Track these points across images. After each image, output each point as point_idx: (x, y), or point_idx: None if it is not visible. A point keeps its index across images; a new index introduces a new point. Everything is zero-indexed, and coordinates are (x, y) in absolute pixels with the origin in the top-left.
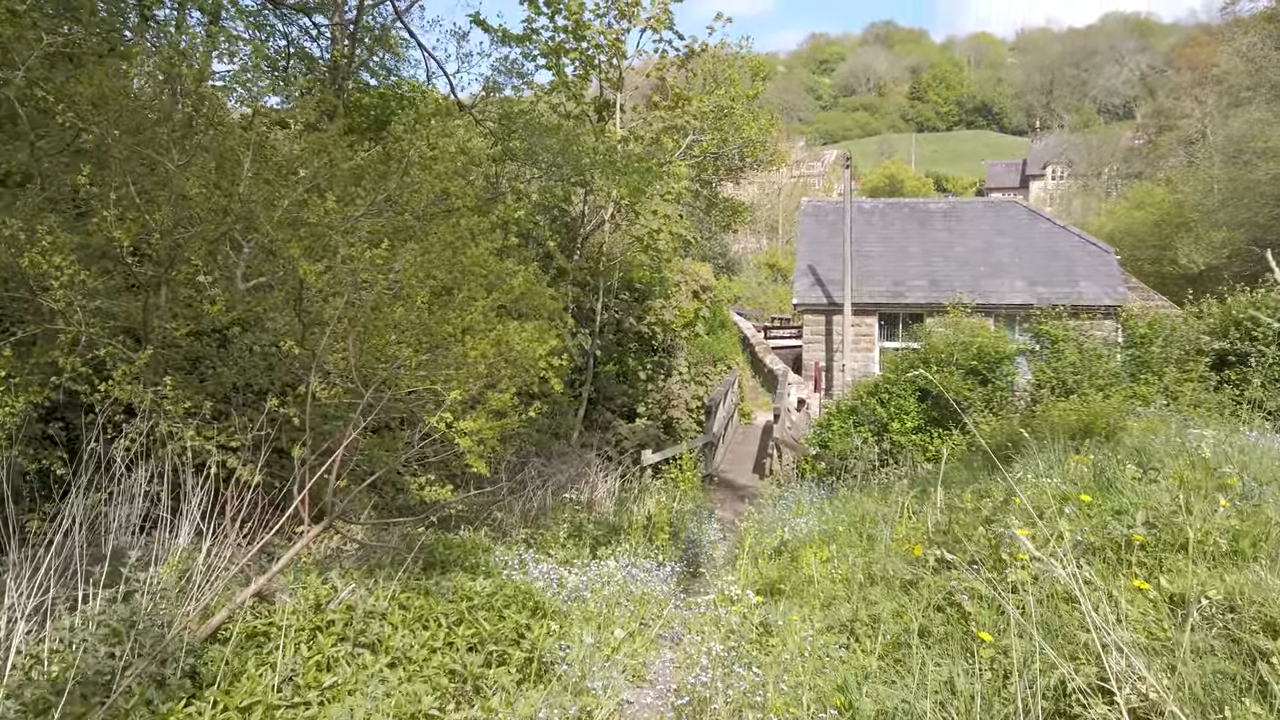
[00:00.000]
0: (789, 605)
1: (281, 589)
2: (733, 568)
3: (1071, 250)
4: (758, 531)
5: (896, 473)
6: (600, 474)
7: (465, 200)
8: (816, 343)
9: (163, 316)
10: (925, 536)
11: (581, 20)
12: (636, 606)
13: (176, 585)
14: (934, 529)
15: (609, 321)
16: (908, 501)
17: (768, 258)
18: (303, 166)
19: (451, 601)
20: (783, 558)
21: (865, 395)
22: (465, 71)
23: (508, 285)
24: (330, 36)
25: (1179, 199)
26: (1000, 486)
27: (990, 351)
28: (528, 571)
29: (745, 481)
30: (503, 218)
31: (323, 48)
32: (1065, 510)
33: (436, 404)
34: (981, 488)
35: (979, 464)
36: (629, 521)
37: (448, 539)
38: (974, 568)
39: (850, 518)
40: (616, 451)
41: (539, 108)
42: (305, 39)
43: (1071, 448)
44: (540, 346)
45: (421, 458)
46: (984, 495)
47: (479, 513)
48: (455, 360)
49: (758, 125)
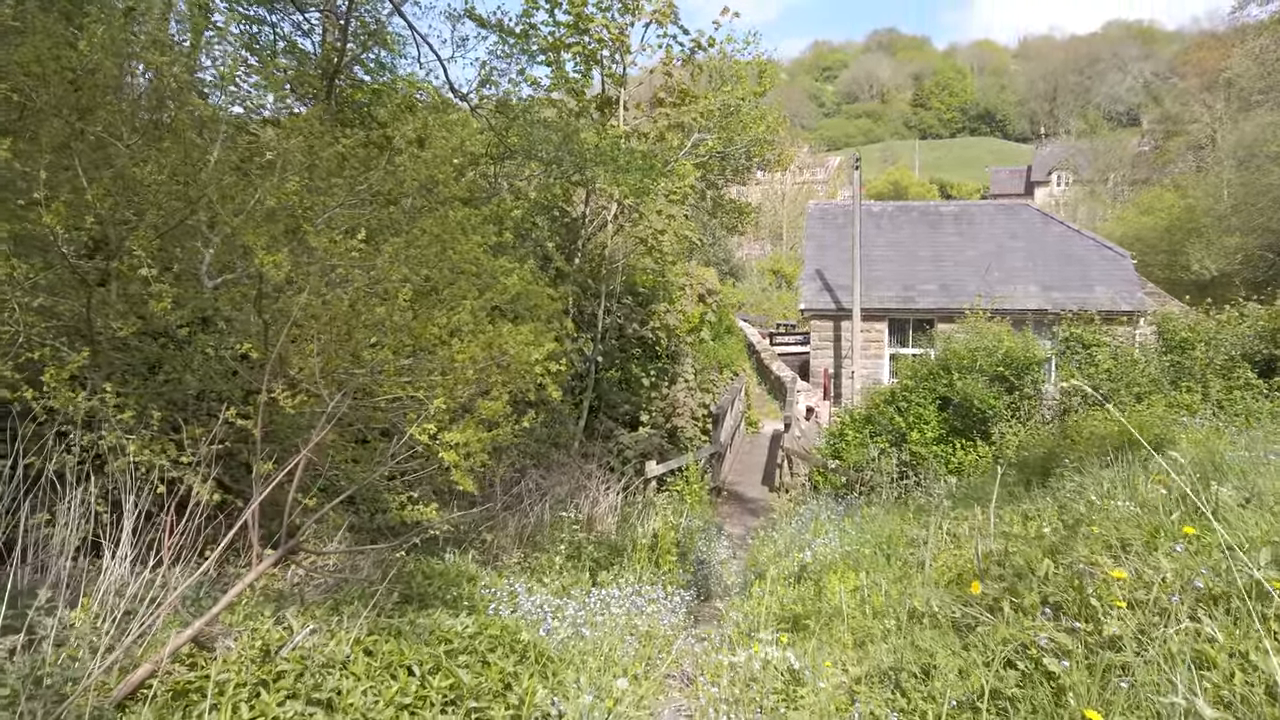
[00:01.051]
0: (816, 644)
1: (225, 632)
2: (747, 594)
3: (1086, 254)
4: (772, 552)
5: (922, 487)
6: (602, 487)
7: (454, 190)
8: (824, 349)
9: (109, 315)
10: (974, 567)
11: (583, 14)
12: (642, 644)
13: (94, 630)
14: (985, 558)
15: (611, 326)
16: (943, 522)
17: (771, 264)
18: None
19: (428, 644)
20: (805, 585)
21: (881, 403)
22: (461, 56)
23: (502, 284)
24: (320, 29)
25: (1190, 204)
26: (1050, 506)
27: (1018, 357)
28: (518, 604)
29: (754, 494)
30: (497, 212)
31: (315, 43)
32: (1162, 543)
33: (421, 413)
34: (1027, 508)
35: (1014, 478)
36: (633, 541)
37: (430, 566)
38: (1049, 611)
39: (875, 538)
40: (619, 462)
41: (538, 104)
42: (298, 34)
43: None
44: (537, 350)
45: (405, 472)
46: (1031, 517)
47: (469, 532)
48: (441, 365)
49: (765, 124)
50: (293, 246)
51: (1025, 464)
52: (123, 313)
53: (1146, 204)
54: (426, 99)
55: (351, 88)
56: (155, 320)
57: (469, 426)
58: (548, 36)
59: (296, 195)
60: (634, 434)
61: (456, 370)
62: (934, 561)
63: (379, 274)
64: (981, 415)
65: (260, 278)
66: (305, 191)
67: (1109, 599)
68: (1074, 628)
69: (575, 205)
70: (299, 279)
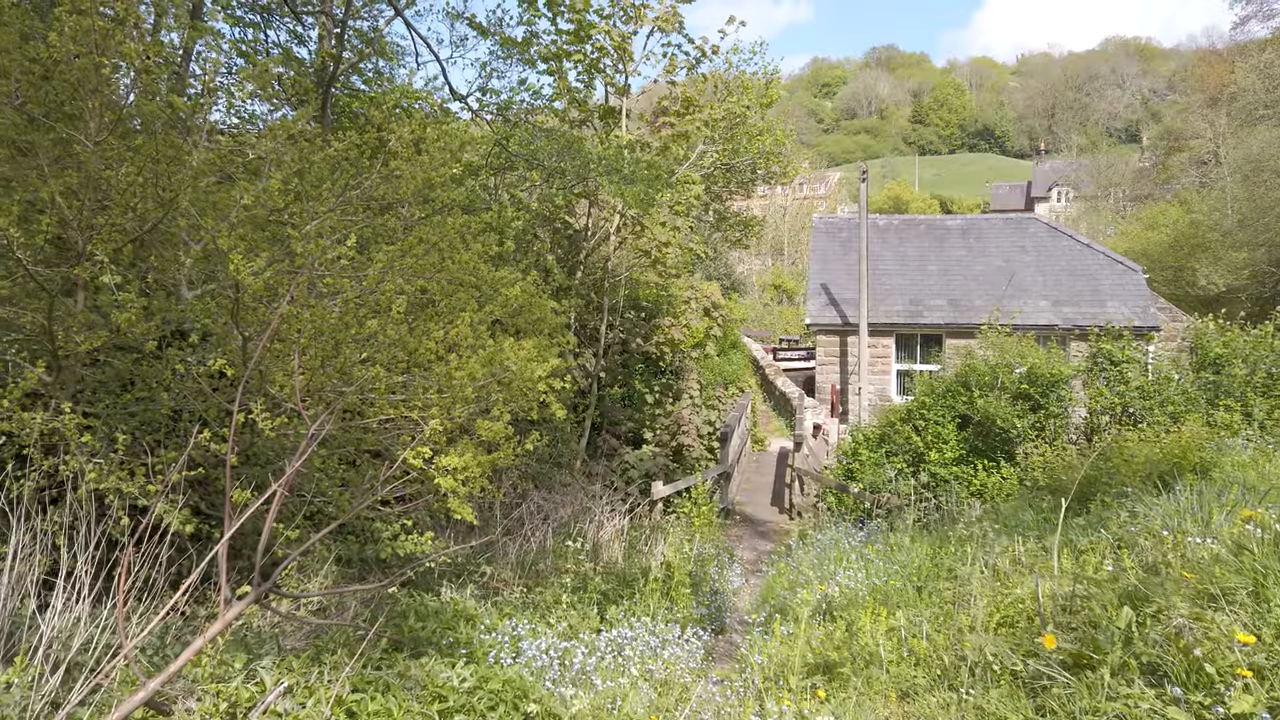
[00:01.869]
0: (855, 697)
1: (188, 690)
2: (767, 630)
3: (1097, 269)
4: (789, 582)
5: (944, 510)
6: (606, 509)
7: (452, 194)
8: (830, 364)
9: (73, 327)
10: (1032, 610)
11: (585, 20)
12: (658, 694)
13: (33, 689)
14: (1049, 599)
15: (614, 341)
16: (978, 552)
17: (773, 279)
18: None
19: (420, 701)
20: (835, 624)
21: (897, 421)
22: (460, 57)
23: (504, 296)
24: (316, 35)
25: (1195, 219)
26: (1104, 539)
27: (1044, 373)
28: (520, 649)
29: (765, 516)
30: (498, 220)
31: (310, 51)
32: (1275, 593)
33: (416, 434)
34: (1078, 540)
35: (1048, 504)
36: (643, 571)
37: (424, 604)
38: (1149, 676)
39: (904, 569)
40: (623, 482)
41: (540, 112)
42: (294, 43)
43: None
44: (540, 366)
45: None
46: (1084, 551)
47: (466, 564)
48: (438, 382)
49: (772, 136)
50: (275, 253)
51: (1059, 488)
52: (87, 324)
53: (1151, 219)
54: (426, 109)
55: (349, 96)
56: (126, 334)
57: (467, 449)
58: (549, 45)
59: (279, 196)
60: (638, 452)
61: (454, 388)
62: (978, 597)
63: (370, 283)
64: (1004, 435)
65: (237, 287)
66: (294, 197)
67: (1226, 664)
68: (1181, 697)
69: (578, 217)
70: (282, 288)
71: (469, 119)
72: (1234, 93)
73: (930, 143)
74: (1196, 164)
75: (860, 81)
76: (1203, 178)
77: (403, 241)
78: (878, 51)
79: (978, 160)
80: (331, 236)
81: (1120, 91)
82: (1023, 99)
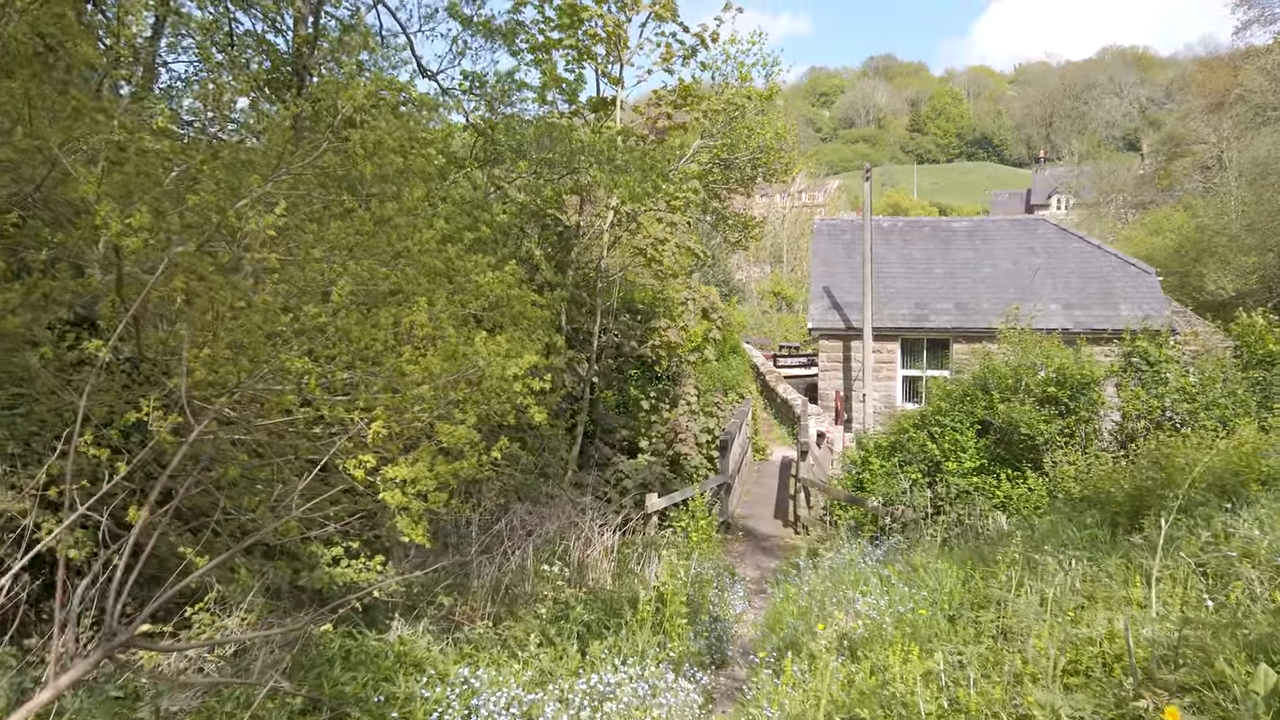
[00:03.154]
0: None
1: None
2: (777, 669)
3: (1109, 271)
4: (798, 608)
5: (965, 524)
6: (596, 523)
7: (413, 162)
8: (833, 370)
9: None
10: (1110, 657)
11: (577, 3)
12: None
13: None
14: (1144, 646)
15: (608, 345)
16: (1023, 575)
17: (772, 285)
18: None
19: None
20: (859, 664)
21: (910, 428)
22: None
23: (475, 284)
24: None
25: (1200, 223)
26: (1182, 565)
27: (1073, 375)
28: (473, 708)
29: (768, 529)
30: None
31: (287, 40)
32: None
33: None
34: (1146, 563)
35: (1093, 520)
36: (632, 598)
37: (360, 647)
38: None
39: (932, 594)
40: (616, 493)
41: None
42: (271, 32)
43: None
44: (513, 364)
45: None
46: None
47: (424, 592)
48: (388, 379)
49: (773, 129)
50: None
51: (1102, 501)
52: None
53: (1155, 224)
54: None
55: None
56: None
57: (424, 456)
58: (537, 35)
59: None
60: (633, 461)
61: (407, 385)
62: (1034, 638)
63: (303, 257)
64: (1029, 442)
65: (118, 251)
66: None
67: None
68: None
69: (569, 214)
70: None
71: (451, 107)
72: (1240, 95)
73: (928, 151)
74: (1200, 169)
75: (858, 91)
76: (1207, 182)
77: (357, 217)
78: (875, 61)
79: (976, 169)
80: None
81: (1118, 100)
82: (1020, 108)
